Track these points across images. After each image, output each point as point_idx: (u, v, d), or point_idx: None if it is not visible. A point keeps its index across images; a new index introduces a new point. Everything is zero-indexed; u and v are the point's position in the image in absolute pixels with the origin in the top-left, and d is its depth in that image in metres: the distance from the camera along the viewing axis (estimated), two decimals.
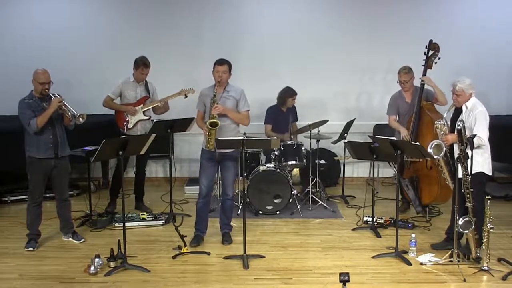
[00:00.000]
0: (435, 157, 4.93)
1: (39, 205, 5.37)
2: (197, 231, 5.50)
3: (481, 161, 4.98)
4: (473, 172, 4.95)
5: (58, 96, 5.21)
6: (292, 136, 7.02)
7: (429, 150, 4.86)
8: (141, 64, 6.31)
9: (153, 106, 6.45)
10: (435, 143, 4.88)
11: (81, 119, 5.22)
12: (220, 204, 5.70)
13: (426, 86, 6.12)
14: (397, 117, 6.41)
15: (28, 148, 5.22)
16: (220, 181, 5.67)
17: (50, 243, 5.53)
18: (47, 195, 6.08)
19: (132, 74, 6.44)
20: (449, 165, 5.27)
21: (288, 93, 7.01)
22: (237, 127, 5.46)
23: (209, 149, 5.25)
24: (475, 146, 4.91)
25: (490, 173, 5.08)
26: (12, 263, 5.06)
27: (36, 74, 5.17)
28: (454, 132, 4.95)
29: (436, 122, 5.14)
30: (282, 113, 7.08)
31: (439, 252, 5.12)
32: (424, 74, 6.15)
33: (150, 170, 7.92)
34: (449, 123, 5.13)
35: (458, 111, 5.14)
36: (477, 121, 4.91)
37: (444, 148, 4.89)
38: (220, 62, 5.29)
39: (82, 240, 5.54)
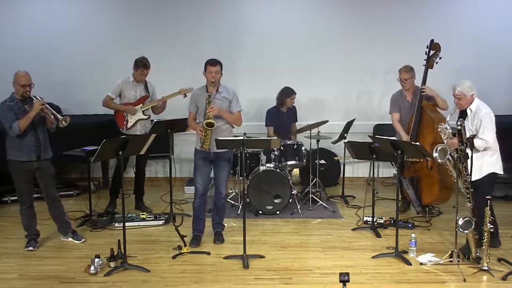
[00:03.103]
0: (440, 161, 4.80)
1: (31, 206, 5.33)
2: (195, 232, 5.49)
3: (492, 162, 4.99)
4: (485, 174, 4.96)
5: (40, 99, 5.13)
6: (291, 136, 7.04)
7: (435, 154, 4.74)
8: (141, 65, 6.32)
9: (153, 105, 6.45)
10: (440, 147, 4.77)
11: (64, 122, 5.17)
12: (213, 203, 5.68)
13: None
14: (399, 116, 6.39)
15: (9, 151, 5.16)
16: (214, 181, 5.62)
17: (50, 243, 5.52)
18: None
19: (132, 74, 6.44)
20: (457, 168, 5.10)
21: (286, 93, 6.99)
22: (230, 127, 5.47)
23: (204, 150, 5.25)
24: (482, 149, 4.91)
25: (502, 172, 5.08)
26: (12, 263, 5.06)
27: (17, 76, 5.09)
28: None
29: (439, 127, 5.04)
30: (282, 113, 7.06)
31: (439, 252, 5.12)
32: (425, 73, 6.14)
33: (150, 170, 7.92)
34: (450, 129, 4.99)
35: (463, 114, 5.11)
36: (482, 123, 4.90)
37: (449, 152, 4.80)
38: (213, 62, 5.23)
39: (83, 240, 5.54)
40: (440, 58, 6.14)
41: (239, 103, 5.41)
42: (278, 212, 6.41)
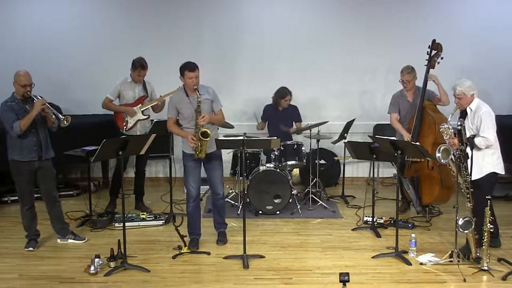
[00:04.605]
0: (443, 161, 4.77)
1: (32, 207, 5.32)
2: (192, 235, 5.42)
3: (492, 162, 4.98)
4: (485, 173, 4.95)
5: (41, 98, 5.13)
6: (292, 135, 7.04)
7: (438, 154, 4.71)
8: (138, 66, 6.31)
9: (152, 105, 6.45)
10: (443, 147, 4.75)
11: (65, 121, 5.17)
12: (212, 204, 5.67)
13: (428, 86, 6.11)
14: (399, 116, 6.39)
15: (11, 152, 5.15)
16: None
17: (50, 243, 5.52)
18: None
19: (130, 75, 6.43)
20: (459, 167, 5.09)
21: (280, 95, 6.95)
22: (216, 127, 5.47)
23: (198, 157, 5.20)
24: (483, 147, 4.90)
25: (503, 172, 5.06)
26: (12, 263, 5.06)
27: (18, 76, 5.07)
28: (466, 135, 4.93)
29: (440, 127, 5.01)
30: (278, 112, 7.06)
31: (439, 252, 5.12)
32: (427, 73, 6.13)
33: (150, 170, 7.92)
34: (452, 128, 4.98)
35: (464, 114, 5.10)
36: (483, 122, 4.89)
37: (452, 152, 4.79)
38: (192, 68, 5.04)
39: (85, 239, 5.53)
40: (442, 58, 6.14)
41: (219, 101, 5.35)
42: (278, 212, 6.41)
